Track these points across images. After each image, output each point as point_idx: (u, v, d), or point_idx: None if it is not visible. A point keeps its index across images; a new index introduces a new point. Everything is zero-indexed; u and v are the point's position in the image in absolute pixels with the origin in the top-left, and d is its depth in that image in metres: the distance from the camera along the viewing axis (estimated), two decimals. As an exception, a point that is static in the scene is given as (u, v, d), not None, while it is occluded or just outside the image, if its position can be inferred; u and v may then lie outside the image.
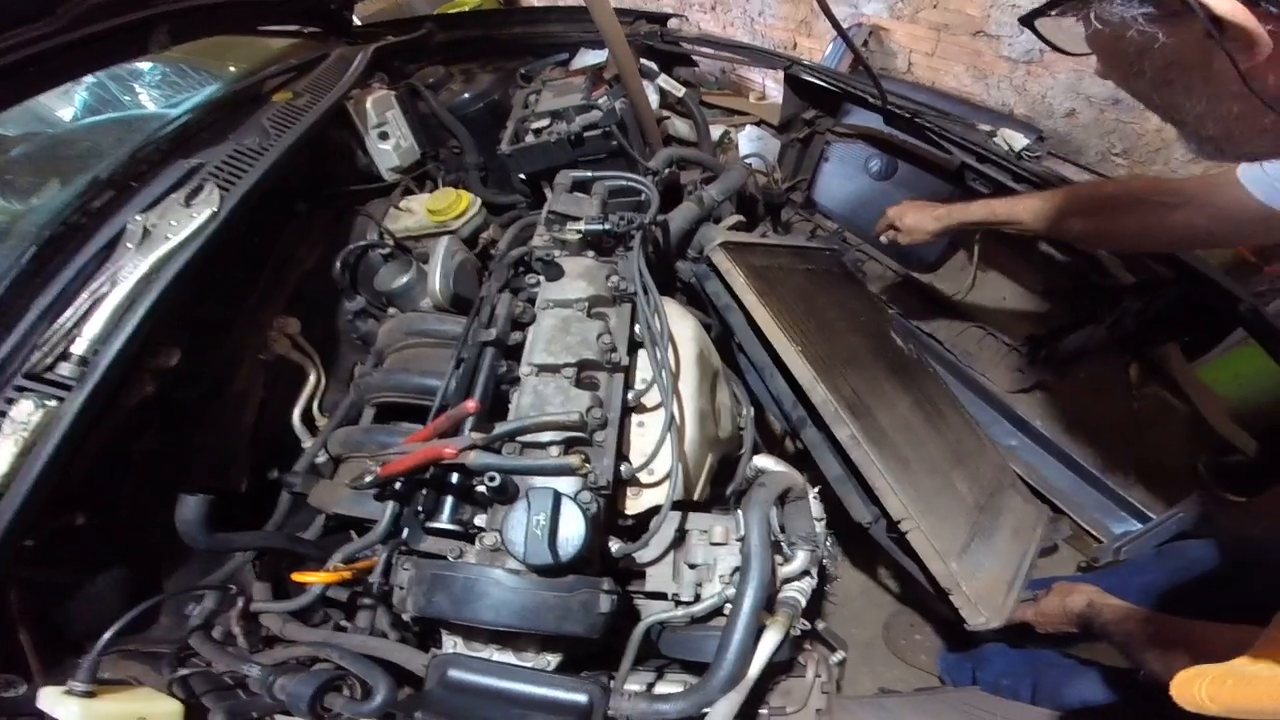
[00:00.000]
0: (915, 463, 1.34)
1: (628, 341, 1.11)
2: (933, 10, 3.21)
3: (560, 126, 1.60)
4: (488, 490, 0.85)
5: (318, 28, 2.00)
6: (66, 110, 2.24)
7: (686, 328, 1.21)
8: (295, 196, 1.56)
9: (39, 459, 0.85)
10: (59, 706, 0.79)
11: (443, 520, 0.94)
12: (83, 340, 0.93)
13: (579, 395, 0.98)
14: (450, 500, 0.95)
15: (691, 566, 1.03)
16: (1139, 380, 1.90)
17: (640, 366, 1.14)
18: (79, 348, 0.93)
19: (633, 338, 1.13)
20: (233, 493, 1.28)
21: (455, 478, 0.94)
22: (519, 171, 1.71)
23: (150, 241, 1.04)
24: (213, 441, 1.30)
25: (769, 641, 0.91)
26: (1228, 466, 1.80)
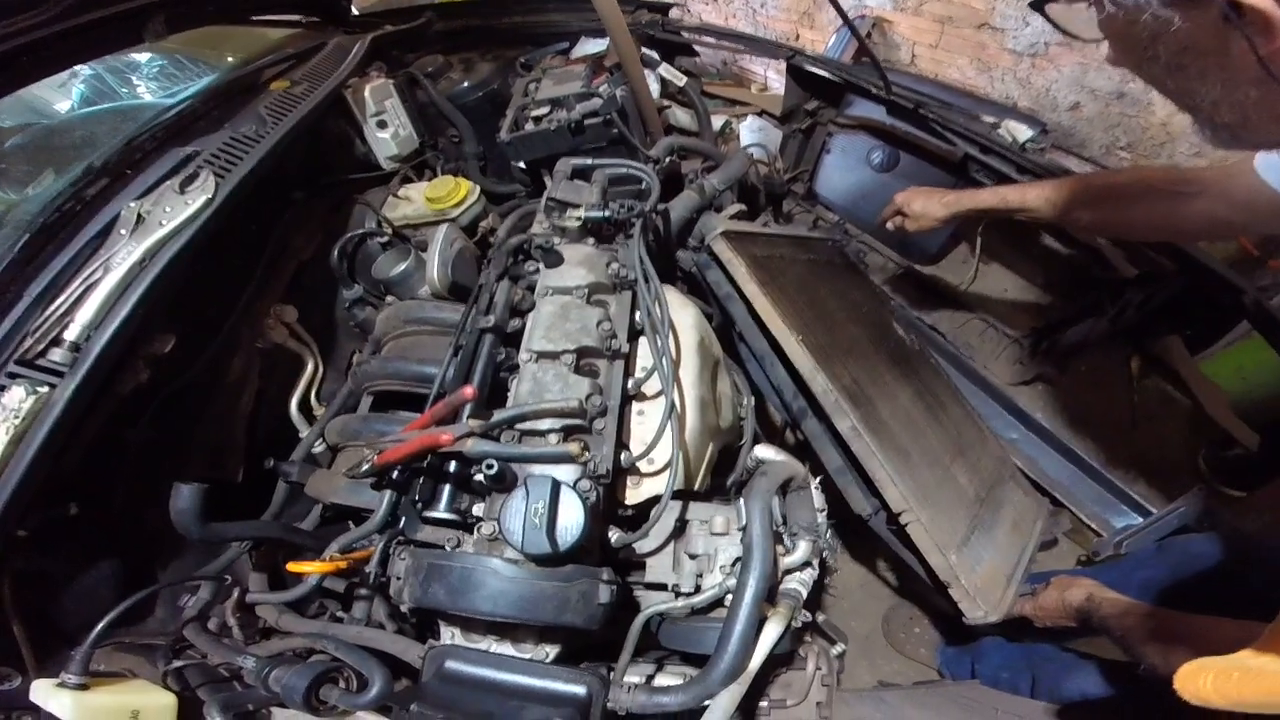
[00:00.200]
0: (916, 454, 1.33)
1: (628, 329, 1.10)
2: (937, 3, 3.19)
3: (560, 114, 1.58)
4: (485, 478, 0.83)
5: (315, 17, 1.99)
6: (64, 104, 2.24)
7: (687, 316, 1.20)
8: (292, 185, 1.55)
9: (31, 446, 0.84)
10: (51, 699, 0.78)
11: (440, 509, 0.93)
12: (75, 326, 0.93)
13: (578, 382, 0.97)
14: (448, 489, 0.94)
15: (692, 557, 1.03)
16: (1140, 373, 1.90)
17: (640, 355, 1.13)
18: (71, 334, 0.92)
19: (633, 325, 1.11)
20: (229, 482, 1.28)
21: (453, 466, 0.93)
22: (518, 159, 1.69)
23: (144, 228, 1.04)
24: (209, 430, 1.29)
25: (770, 633, 0.90)
26: (1228, 461, 1.80)
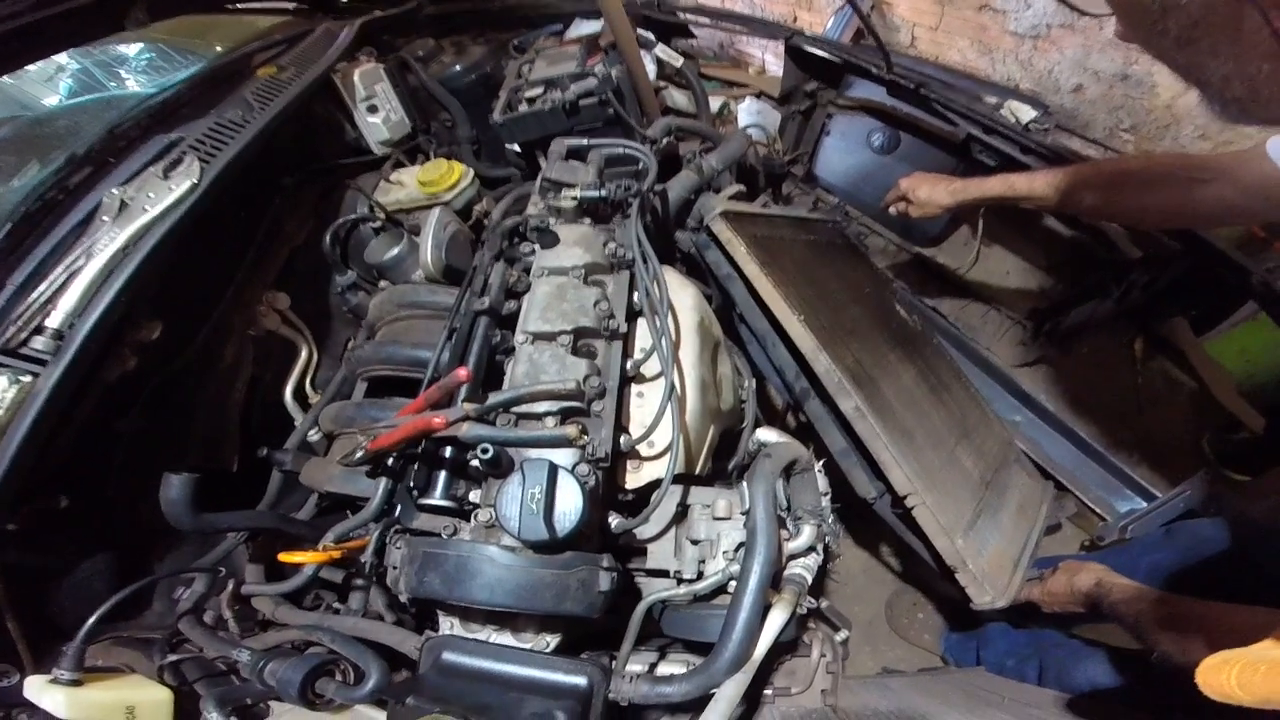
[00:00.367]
0: (920, 436, 1.31)
1: (626, 309, 1.07)
2: (937, -16, 3.14)
3: (555, 94, 1.55)
4: (481, 463, 0.81)
5: (303, 3, 1.95)
6: (51, 98, 2.20)
7: (687, 296, 1.17)
8: (282, 171, 1.52)
9: (14, 437, 0.82)
10: (44, 696, 0.77)
11: (436, 496, 0.91)
12: (58, 314, 0.91)
13: (576, 363, 0.94)
14: (444, 475, 0.92)
15: (694, 542, 1.01)
16: (1144, 355, 1.88)
17: (639, 336, 1.10)
18: (54, 321, 0.91)
19: (631, 306, 1.09)
20: (224, 472, 1.26)
21: (448, 451, 0.91)
22: (512, 141, 1.66)
23: (127, 214, 1.02)
24: (202, 419, 1.27)
25: (775, 620, 0.88)
26: (1233, 444, 1.78)
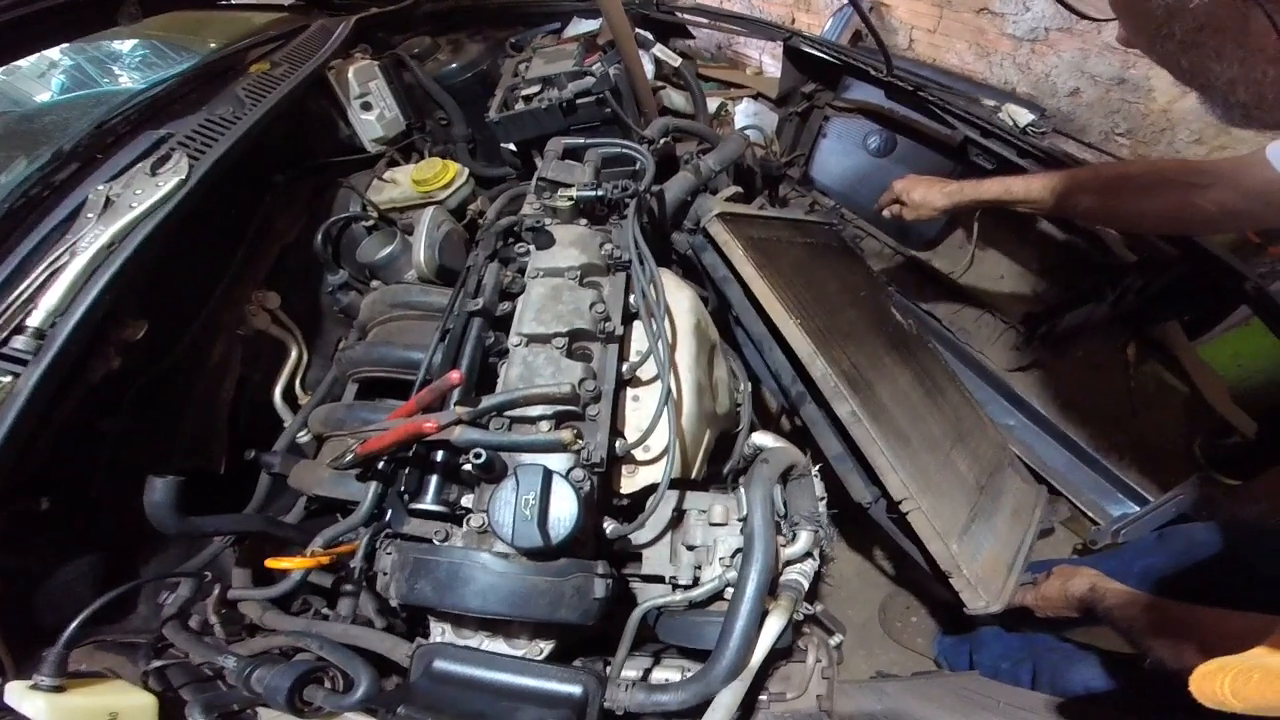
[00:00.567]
0: (916, 440, 1.31)
1: (622, 311, 1.06)
2: (935, -14, 3.15)
3: (552, 93, 1.53)
4: (473, 468, 0.80)
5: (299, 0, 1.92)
6: (44, 95, 2.17)
7: (684, 298, 1.16)
8: (273, 168, 1.50)
9: (-7, 437, 0.80)
10: (25, 702, 0.75)
11: (427, 501, 0.90)
12: (39, 312, 0.90)
13: (571, 366, 0.93)
14: (435, 480, 0.91)
15: (690, 548, 1.00)
16: (1137, 360, 1.88)
17: (635, 339, 1.09)
18: (35, 320, 0.89)
19: (627, 308, 1.07)
20: (211, 474, 1.24)
21: (440, 455, 0.90)
22: (508, 140, 1.64)
23: (113, 211, 1.00)
24: (189, 420, 1.25)
25: (772, 627, 0.87)
26: (1224, 448, 1.79)
